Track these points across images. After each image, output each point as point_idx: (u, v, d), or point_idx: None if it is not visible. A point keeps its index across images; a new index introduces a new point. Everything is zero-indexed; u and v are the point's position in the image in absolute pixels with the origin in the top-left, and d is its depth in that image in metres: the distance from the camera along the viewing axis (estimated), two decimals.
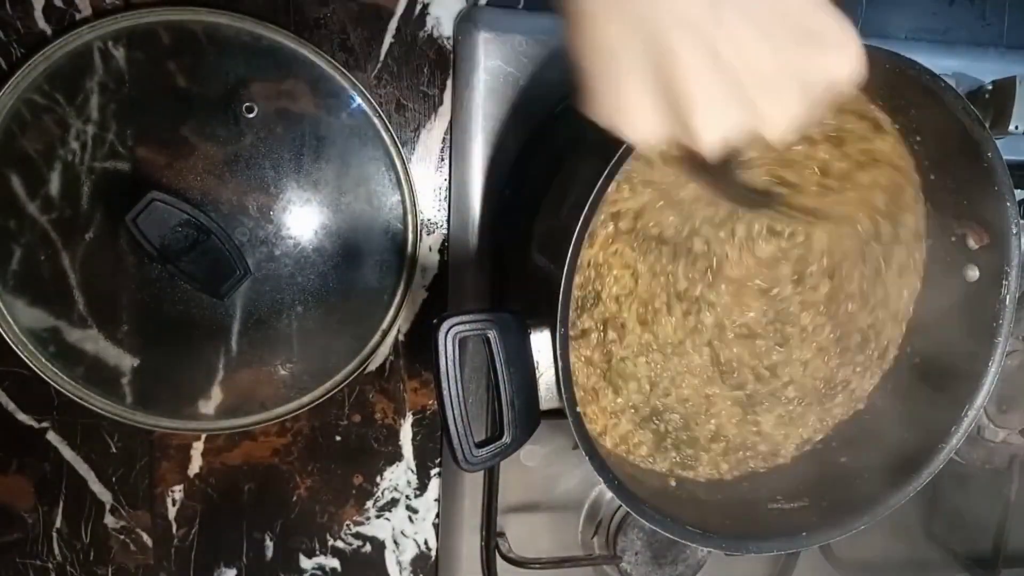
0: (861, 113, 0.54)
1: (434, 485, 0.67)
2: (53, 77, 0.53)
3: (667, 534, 0.48)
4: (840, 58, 0.34)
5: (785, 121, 0.34)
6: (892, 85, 0.49)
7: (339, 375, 0.61)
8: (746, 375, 0.58)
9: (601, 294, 0.54)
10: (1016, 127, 0.60)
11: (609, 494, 0.48)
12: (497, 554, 0.63)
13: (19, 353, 0.56)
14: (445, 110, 0.61)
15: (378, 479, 0.66)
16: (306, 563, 0.66)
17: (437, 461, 0.66)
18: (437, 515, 0.67)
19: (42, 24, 0.55)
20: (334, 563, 0.67)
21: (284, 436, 0.63)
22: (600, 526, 0.66)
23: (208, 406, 0.59)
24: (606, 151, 0.44)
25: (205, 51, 0.55)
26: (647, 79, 0.33)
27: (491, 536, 0.63)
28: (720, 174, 0.45)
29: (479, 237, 0.61)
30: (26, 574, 0.62)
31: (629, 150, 0.43)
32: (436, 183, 0.62)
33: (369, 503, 0.66)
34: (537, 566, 0.62)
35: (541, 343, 0.45)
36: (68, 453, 0.61)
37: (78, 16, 0.55)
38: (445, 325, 0.42)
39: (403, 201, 0.60)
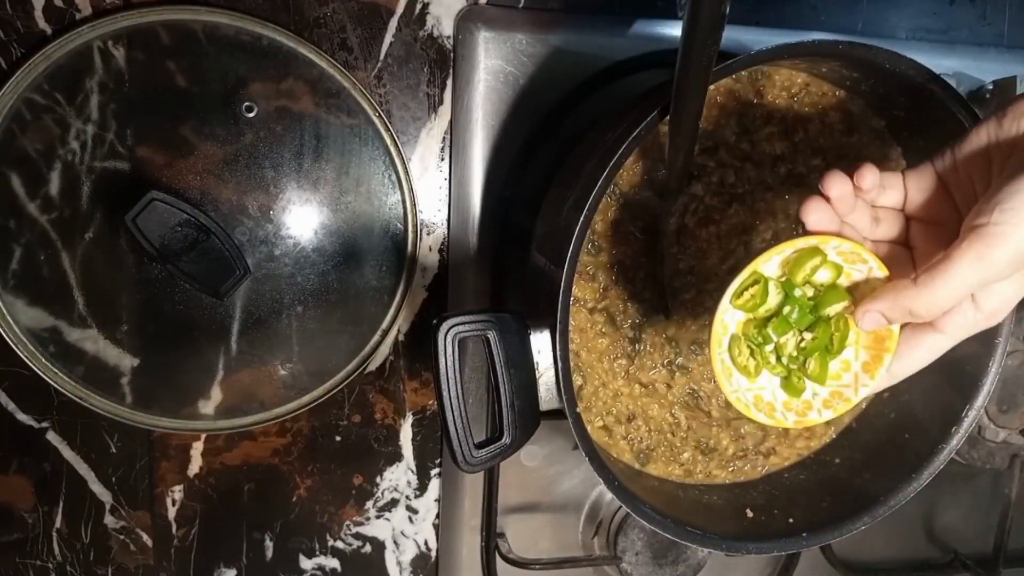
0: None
1: (434, 485, 0.67)
2: (53, 77, 0.53)
3: (667, 535, 0.48)
4: None
5: None
6: (892, 85, 0.49)
7: (339, 375, 0.61)
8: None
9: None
10: None
11: (609, 494, 0.48)
12: (497, 555, 0.63)
13: (19, 353, 0.56)
14: (445, 110, 0.61)
15: (378, 479, 0.66)
16: (306, 563, 0.66)
17: (437, 461, 0.66)
18: (437, 515, 0.67)
19: (42, 24, 0.55)
20: (334, 563, 0.67)
21: (284, 436, 0.63)
22: (600, 527, 0.66)
23: (208, 406, 0.59)
24: (607, 151, 0.44)
25: (205, 51, 0.55)
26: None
27: (491, 537, 0.63)
28: None
29: (479, 237, 0.61)
30: (26, 574, 0.62)
31: (630, 150, 0.43)
32: (436, 183, 0.62)
33: (369, 503, 0.66)
34: (537, 567, 0.62)
35: (541, 343, 0.45)
36: (68, 453, 0.61)
37: (78, 16, 0.55)
38: (445, 325, 0.42)
39: (403, 201, 0.60)
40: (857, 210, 0.41)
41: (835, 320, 0.41)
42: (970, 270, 0.34)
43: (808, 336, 0.42)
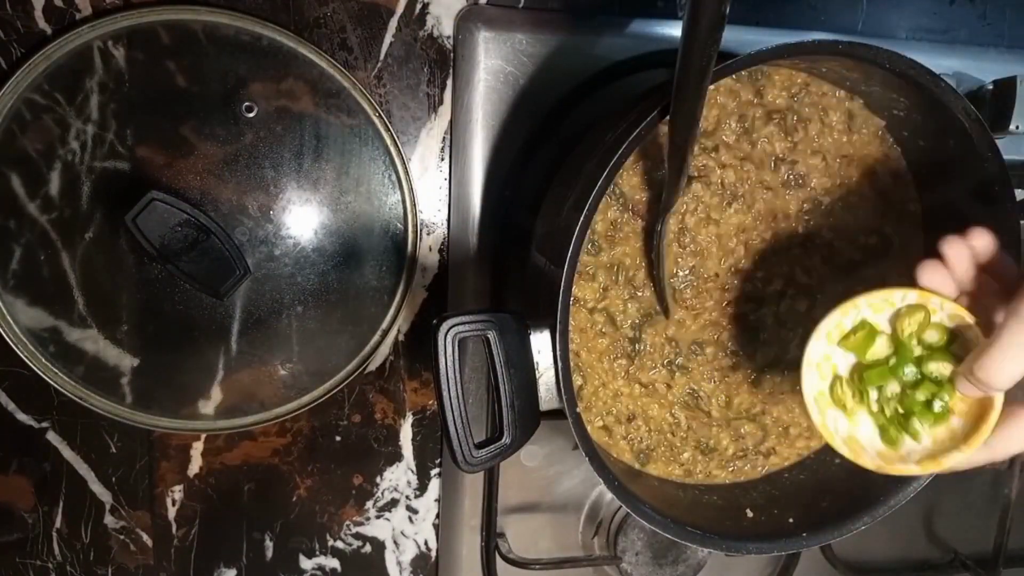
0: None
1: (434, 485, 0.67)
2: (53, 77, 0.53)
3: (667, 535, 0.48)
4: None
5: None
6: (892, 85, 0.49)
7: (339, 375, 0.61)
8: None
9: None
10: (1016, 127, 0.59)
11: (609, 494, 0.48)
12: (497, 555, 0.63)
13: (19, 353, 0.56)
14: (445, 110, 0.61)
15: (378, 479, 0.66)
16: (306, 563, 0.66)
17: (437, 461, 0.66)
18: (437, 515, 0.67)
19: (42, 24, 0.55)
20: (334, 563, 0.67)
21: (284, 436, 0.63)
22: (600, 526, 0.66)
23: (208, 406, 0.59)
24: (607, 151, 0.44)
25: (205, 50, 0.55)
26: None
27: (491, 537, 0.63)
28: None
29: (479, 237, 0.61)
30: (26, 574, 0.62)
31: (630, 150, 0.43)
32: (436, 183, 0.62)
33: (369, 503, 0.66)
34: (537, 567, 0.62)
35: (541, 343, 0.44)
36: (68, 453, 0.61)
37: (78, 16, 0.55)
38: (445, 325, 0.42)
39: (403, 201, 0.60)
40: (976, 280, 0.39)
41: (939, 381, 0.41)
42: (1020, 336, 0.33)
43: (912, 393, 0.42)
